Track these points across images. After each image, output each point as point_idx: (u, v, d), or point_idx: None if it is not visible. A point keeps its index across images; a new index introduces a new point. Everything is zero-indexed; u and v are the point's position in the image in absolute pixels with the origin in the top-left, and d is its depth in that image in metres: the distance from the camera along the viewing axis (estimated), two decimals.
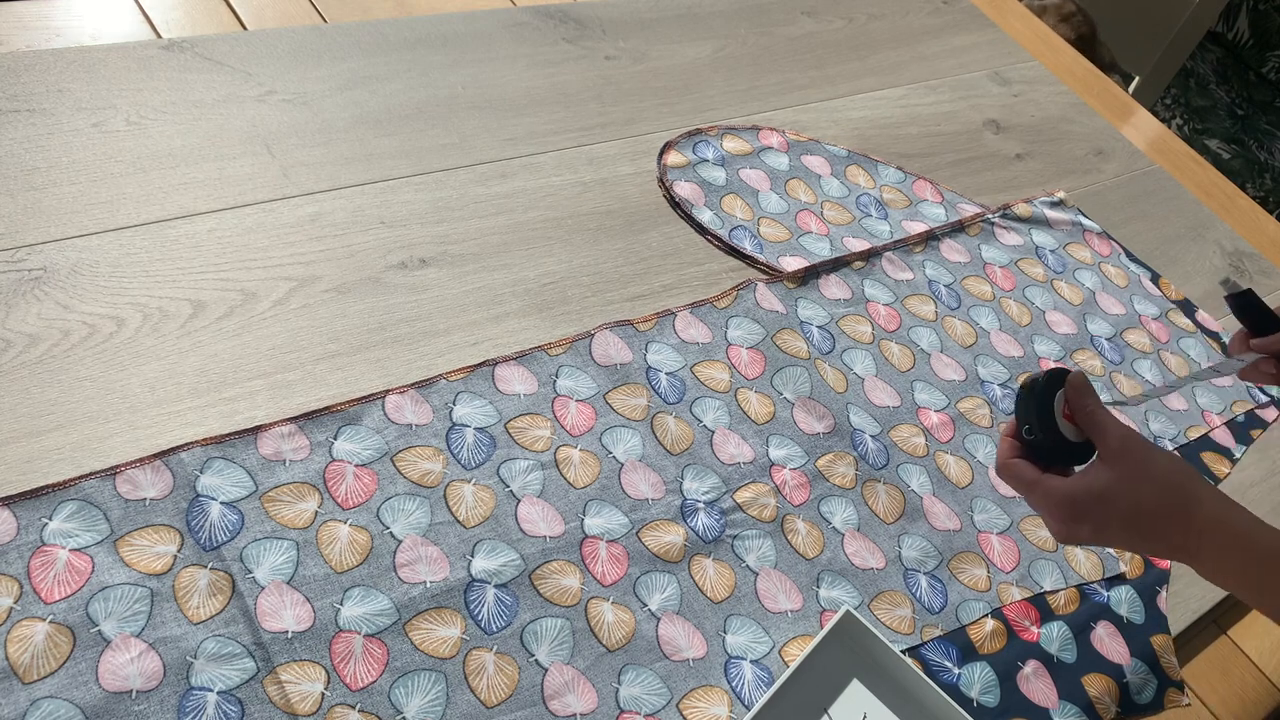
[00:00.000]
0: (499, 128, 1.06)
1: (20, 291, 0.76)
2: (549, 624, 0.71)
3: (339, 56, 1.05)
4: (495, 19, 1.18)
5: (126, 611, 0.63)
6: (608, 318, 0.91)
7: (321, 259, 0.87)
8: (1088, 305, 1.17)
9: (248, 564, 0.67)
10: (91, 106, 0.91)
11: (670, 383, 0.89)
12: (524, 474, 0.78)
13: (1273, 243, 1.39)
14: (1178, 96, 3.09)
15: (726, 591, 0.77)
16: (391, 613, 0.68)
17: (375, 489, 0.74)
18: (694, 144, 1.15)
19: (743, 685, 0.73)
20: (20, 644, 0.60)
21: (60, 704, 0.59)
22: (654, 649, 0.72)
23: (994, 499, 0.92)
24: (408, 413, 0.79)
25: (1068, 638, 0.84)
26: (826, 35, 1.39)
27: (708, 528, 0.80)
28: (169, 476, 0.69)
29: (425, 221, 0.93)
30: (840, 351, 0.98)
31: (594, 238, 0.98)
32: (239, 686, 0.62)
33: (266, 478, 0.72)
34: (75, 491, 0.67)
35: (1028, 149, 1.34)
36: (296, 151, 0.95)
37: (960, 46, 1.48)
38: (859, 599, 0.80)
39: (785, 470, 0.86)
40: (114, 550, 0.65)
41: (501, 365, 0.84)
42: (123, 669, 0.61)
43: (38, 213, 0.82)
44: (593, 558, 0.75)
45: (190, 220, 0.86)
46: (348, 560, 0.70)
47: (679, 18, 1.30)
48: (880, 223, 1.16)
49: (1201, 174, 1.47)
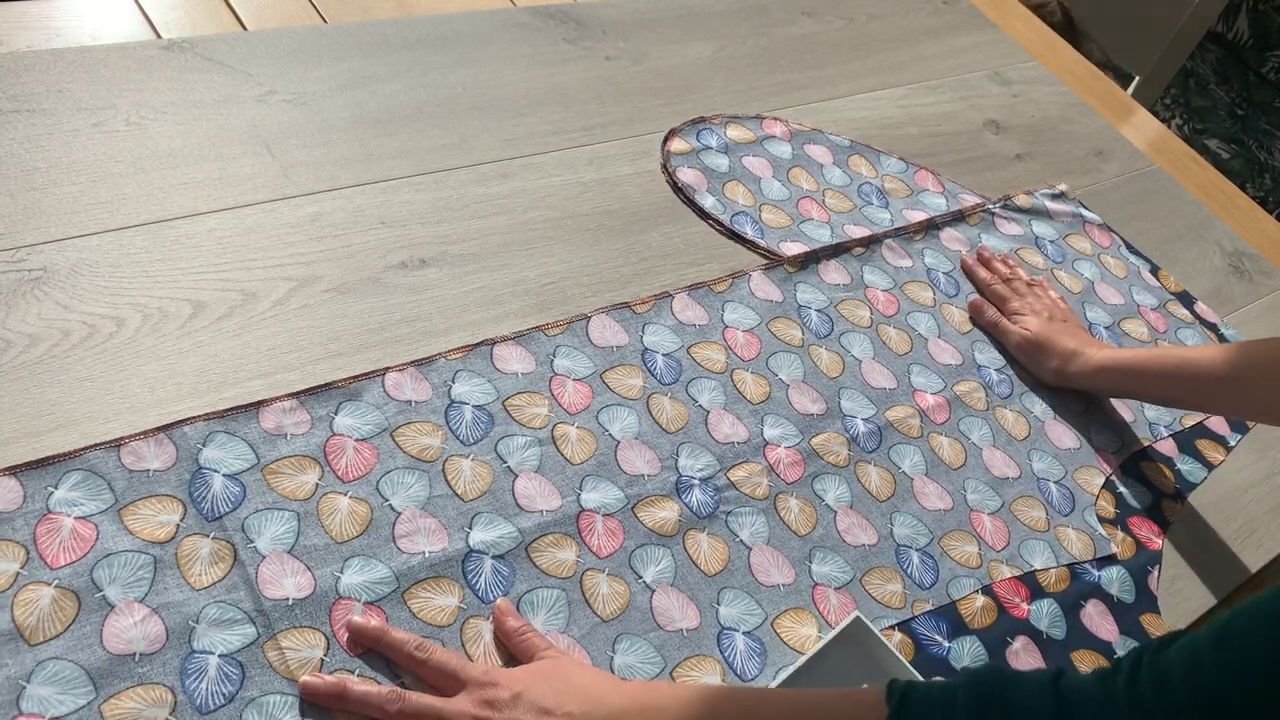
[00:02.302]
0: (499, 128, 1.06)
1: (20, 291, 0.76)
2: (545, 594, 0.73)
3: (339, 56, 1.06)
4: (495, 19, 1.19)
5: (130, 578, 0.65)
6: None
7: (321, 259, 0.87)
8: (1086, 294, 1.18)
9: (249, 533, 0.69)
10: (91, 106, 0.91)
11: (666, 364, 0.90)
12: (521, 450, 0.80)
13: (1273, 243, 1.39)
14: (1178, 96, 3.09)
15: (720, 565, 0.78)
16: (391, 581, 0.70)
17: (375, 463, 0.75)
18: (698, 131, 1.16)
19: (735, 655, 0.74)
20: (26, 607, 0.62)
21: (65, 665, 0.60)
22: (648, 619, 0.74)
23: (986, 480, 0.93)
24: (407, 390, 0.80)
25: (1057, 615, 0.85)
26: (826, 35, 1.40)
27: (702, 504, 0.81)
28: (172, 449, 0.71)
29: (425, 221, 0.94)
30: (838, 334, 0.99)
31: (594, 238, 0.99)
32: (240, 650, 0.64)
33: (268, 451, 0.73)
34: (80, 462, 0.68)
35: (1028, 149, 1.35)
36: (296, 151, 0.95)
37: (960, 46, 1.49)
38: (850, 574, 0.81)
39: (779, 449, 0.87)
40: (118, 519, 0.67)
41: (500, 345, 0.86)
42: (126, 632, 0.63)
43: (38, 213, 0.82)
44: (589, 531, 0.77)
45: (190, 220, 0.86)
46: (348, 531, 0.71)
47: (679, 18, 1.31)
48: (881, 211, 1.17)
49: (1201, 174, 1.47)
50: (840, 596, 0.80)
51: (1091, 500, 0.95)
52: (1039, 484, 0.95)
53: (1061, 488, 0.95)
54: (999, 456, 0.95)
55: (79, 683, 0.60)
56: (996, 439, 0.97)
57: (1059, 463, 0.97)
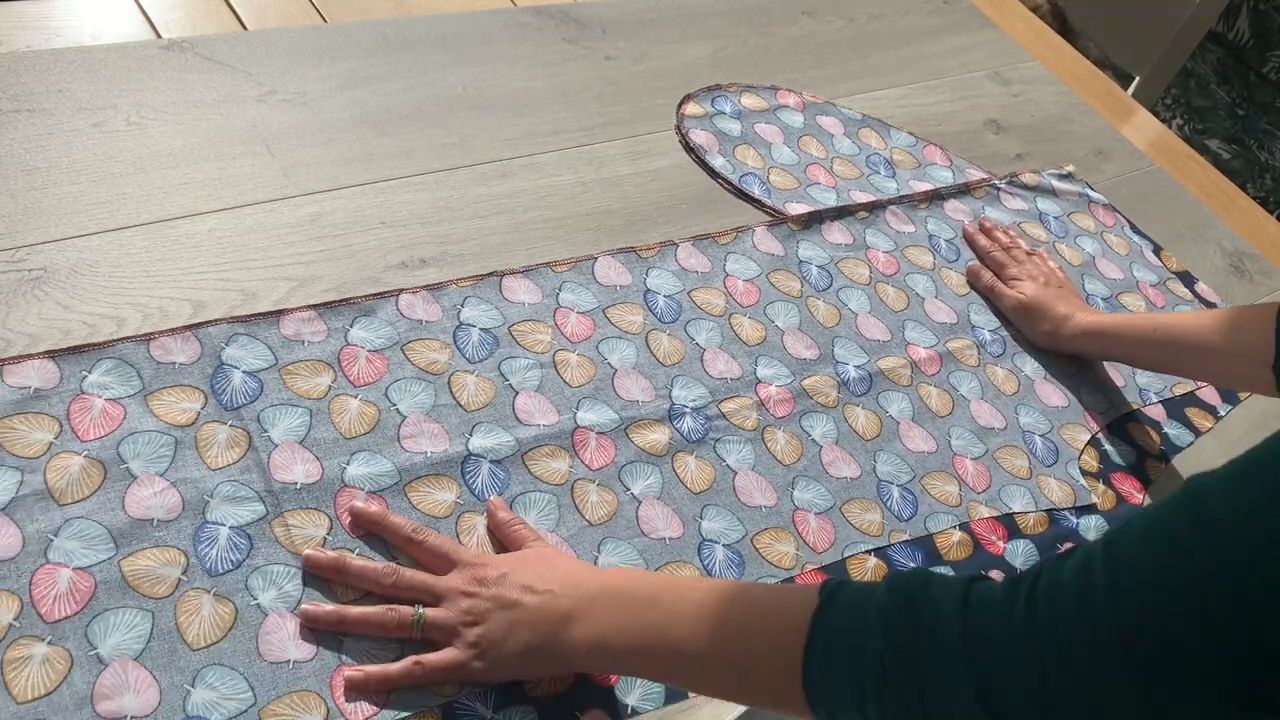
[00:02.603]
0: (499, 128, 1.06)
1: (20, 291, 0.76)
2: (537, 497, 0.77)
3: (339, 56, 1.06)
4: (495, 19, 1.19)
5: (153, 454, 0.70)
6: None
7: (321, 259, 0.87)
8: (1086, 268, 1.21)
9: (264, 424, 0.74)
10: (91, 106, 0.91)
11: (667, 304, 0.95)
12: (523, 370, 0.85)
13: (1273, 243, 1.39)
14: (1178, 96, 3.09)
15: (705, 485, 0.83)
16: (393, 474, 0.75)
17: (385, 371, 0.80)
18: (713, 98, 1.21)
19: (714, 564, 0.78)
20: (58, 472, 0.67)
21: (90, 524, 0.66)
22: (633, 526, 0.78)
23: (972, 429, 0.96)
24: (419, 310, 0.85)
25: (1033, 554, 0.88)
26: (826, 35, 1.40)
27: (692, 430, 0.86)
28: (197, 345, 0.77)
29: (425, 221, 0.94)
30: (837, 289, 1.03)
31: (594, 238, 0.99)
32: (249, 524, 0.69)
33: (286, 354, 0.79)
34: (112, 351, 0.74)
35: (1028, 149, 1.36)
36: (296, 151, 0.95)
37: (960, 46, 1.49)
38: (831, 501, 0.85)
39: (770, 387, 0.91)
40: (144, 403, 0.72)
41: (509, 277, 0.91)
42: (146, 500, 0.68)
43: (38, 213, 0.82)
44: (582, 445, 0.81)
45: (190, 220, 0.86)
46: (356, 428, 0.76)
47: (679, 18, 1.31)
48: (888, 180, 1.21)
49: (1201, 174, 1.47)
50: (820, 521, 0.84)
51: (1075, 454, 0.99)
52: (1024, 435, 0.98)
53: (1046, 440, 0.99)
54: (986, 409, 0.99)
55: (101, 540, 0.65)
56: (985, 393, 1.00)
57: (1045, 418, 1.01)
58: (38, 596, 0.62)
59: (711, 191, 1.08)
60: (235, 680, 0.63)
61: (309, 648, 0.65)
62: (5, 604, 0.61)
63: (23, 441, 0.68)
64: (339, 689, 0.64)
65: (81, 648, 0.61)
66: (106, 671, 0.61)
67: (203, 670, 0.63)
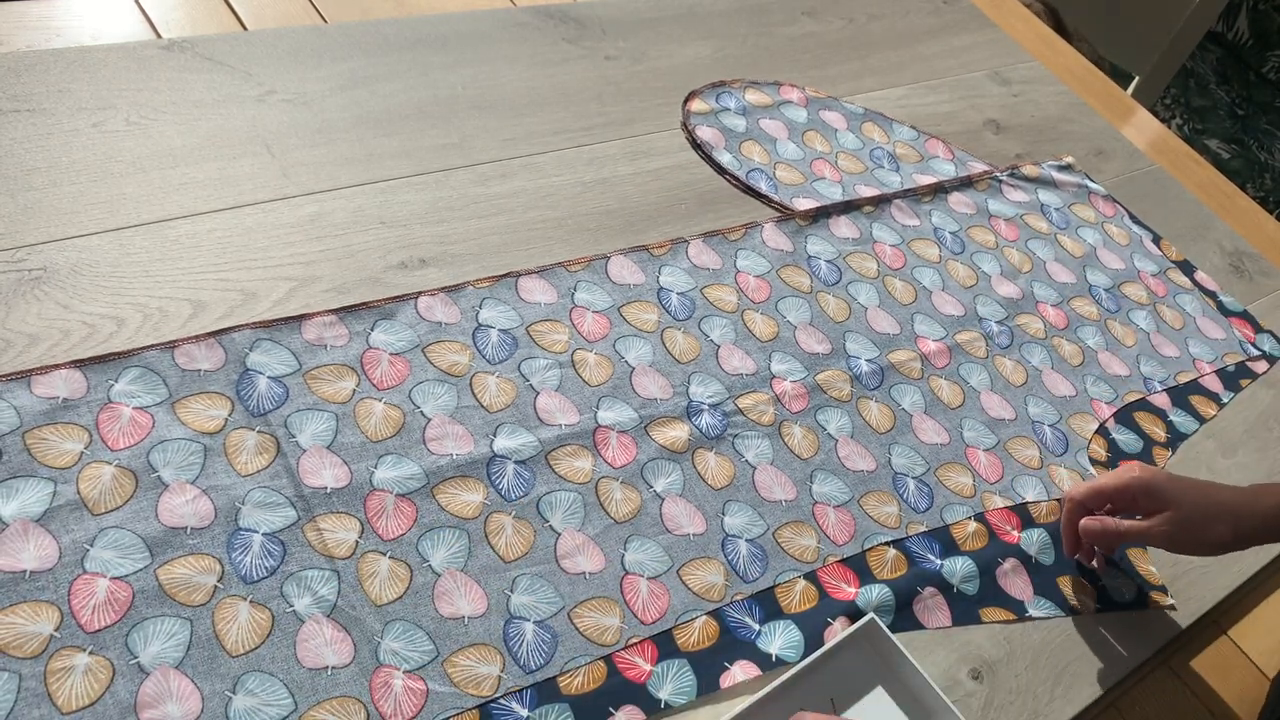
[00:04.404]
0: (499, 128, 1.06)
1: (20, 291, 0.77)
2: (562, 496, 0.78)
3: (339, 56, 1.06)
4: (495, 19, 1.19)
5: (182, 462, 0.71)
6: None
7: (321, 259, 0.87)
8: (1088, 258, 1.22)
9: (291, 429, 0.75)
10: (91, 106, 0.91)
11: (680, 301, 0.95)
12: (543, 370, 0.85)
13: (1273, 243, 1.40)
14: (1178, 96, 3.11)
15: (726, 481, 0.84)
16: (421, 477, 0.75)
17: (408, 374, 0.81)
18: (718, 94, 1.21)
19: (738, 559, 0.79)
20: (90, 482, 0.68)
21: (124, 533, 0.66)
22: (657, 524, 0.79)
23: (983, 421, 0.98)
24: (438, 312, 0.86)
25: (1047, 543, 0.90)
26: (826, 35, 1.41)
27: (710, 426, 0.87)
28: (221, 352, 0.77)
29: (425, 221, 0.94)
30: (846, 284, 1.04)
31: (594, 238, 0.99)
32: (282, 530, 0.70)
33: (309, 359, 0.79)
34: (138, 360, 0.74)
35: (1028, 149, 1.37)
36: (296, 151, 0.95)
37: (960, 46, 1.50)
38: (849, 494, 0.87)
39: (785, 382, 0.92)
40: (172, 410, 0.73)
41: (525, 277, 0.91)
42: (179, 509, 0.68)
43: (38, 213, 0.82)
44: (604, 444, 0.82)
45: (190, 220, 0.86)
46: (382, 432, 0.77)
47: (679, 18, 1.31)
48: (892, 174, 1.22)
49: (1201, 174, 1.48)
50: (839, 514, 0.85)
51: (1084, 443, 1.00)
52: (1034, 426, 0.99)
53: (1056, 430, 1.00)
54: (996, 400, 1.00)
55: (136, 549, 0.66)
56: (994, 384, 1.01)
57: (1054, 408, 1.02)
58: (77, 607, 0.63)
59: (711, 190, 1.09)
60: (275, 686, 0.63)
61: (346, 652, 0.66)
62: (46, 615, 0.62)
63: (54, 452, 0.68)
64: (378, 692, 0.65)
65: (123, 657, 0.62)
66: (148, 680, 0.61)
67: (243, 677, 0.63)
